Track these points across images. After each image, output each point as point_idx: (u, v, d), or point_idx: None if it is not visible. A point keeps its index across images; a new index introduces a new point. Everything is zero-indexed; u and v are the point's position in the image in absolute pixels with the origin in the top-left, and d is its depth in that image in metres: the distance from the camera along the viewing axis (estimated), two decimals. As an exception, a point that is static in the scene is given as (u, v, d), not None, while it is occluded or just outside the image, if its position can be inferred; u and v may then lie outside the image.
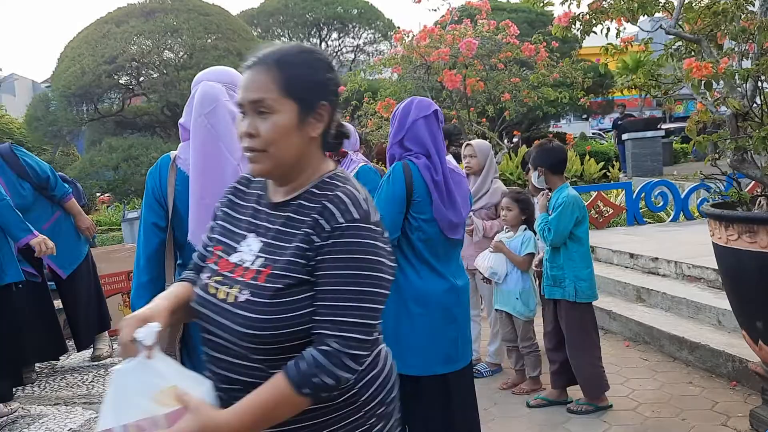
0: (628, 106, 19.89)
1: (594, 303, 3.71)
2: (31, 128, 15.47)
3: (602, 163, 12.79)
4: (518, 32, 7.59)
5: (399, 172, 2.50)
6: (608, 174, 12.47)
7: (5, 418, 3.25)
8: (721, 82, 2.81)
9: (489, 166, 4.41)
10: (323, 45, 24.64)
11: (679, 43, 3.55)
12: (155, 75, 14.80)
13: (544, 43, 7.34)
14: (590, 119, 28.44)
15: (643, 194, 8.56)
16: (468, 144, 4.51)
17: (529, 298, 4.04)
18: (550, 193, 3.69)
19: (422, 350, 2.51)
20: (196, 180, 2.06)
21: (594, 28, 3.28)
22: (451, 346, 2.57)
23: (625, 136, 14.14)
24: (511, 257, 4.03)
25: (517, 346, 4.12)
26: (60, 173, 4.48)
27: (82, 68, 13.76)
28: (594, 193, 8.46)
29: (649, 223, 8.42)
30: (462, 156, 4.58)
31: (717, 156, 3.16)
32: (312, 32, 24.85)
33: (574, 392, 3.76)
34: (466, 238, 4.38)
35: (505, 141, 10.80)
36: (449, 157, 4.34)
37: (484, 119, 8.82)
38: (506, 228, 4.19)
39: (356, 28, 25.17)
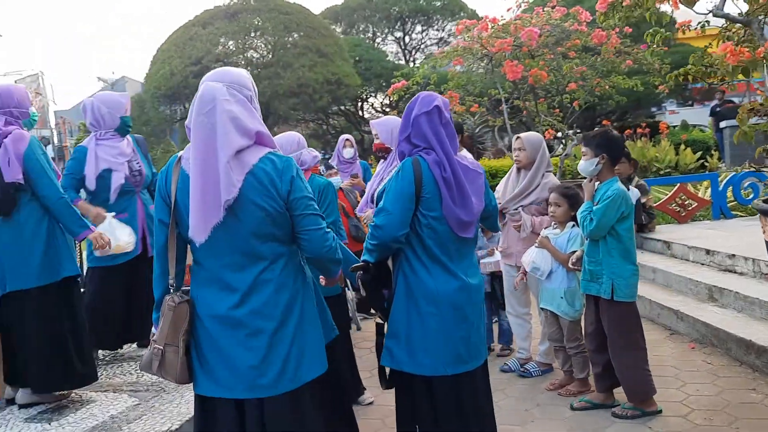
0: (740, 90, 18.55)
1: (663, 302, 3.49)
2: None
3: (699, 153, 12.03)
4: (590, 18, 7.26)
5: (408, 168, 2.47)
6: (706, 164, 11.71)
7: (58, 402, 3.49)
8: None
9: (540, 159, 4.25)
10: (407, 38, 24.67)
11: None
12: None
13: (617, 29, 6.98)
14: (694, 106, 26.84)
15: (731, 186, 8.00)
16: (518, 137, 4.38)
17: (574, 297, 3.87)
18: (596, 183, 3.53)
19: (433, 350, 2.46)
20: (196, 178, 2.11)
21: (635, 14, 3.08)
22: (462, 345, 2.50)
23: (722, 124, 13.19)
24: (556, 254, 3.88)
25: (564, 347, 3.97)
26: None
27: (171, 70, 14.49)
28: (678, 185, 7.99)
29: (739, 216, 7.86)
30: (512, 149, 4.47)
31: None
32: (396, 26, 24.98)
33: (623, 395, 3.58)
34: (515, 234, 4.28)
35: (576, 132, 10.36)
36: (465, 152, 4.18)
37: (557, 110, 8.52)
38: (554, 224, 4.04)
39: (440, 20, 25.06)
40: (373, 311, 5.91)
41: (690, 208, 7.79)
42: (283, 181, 2.14)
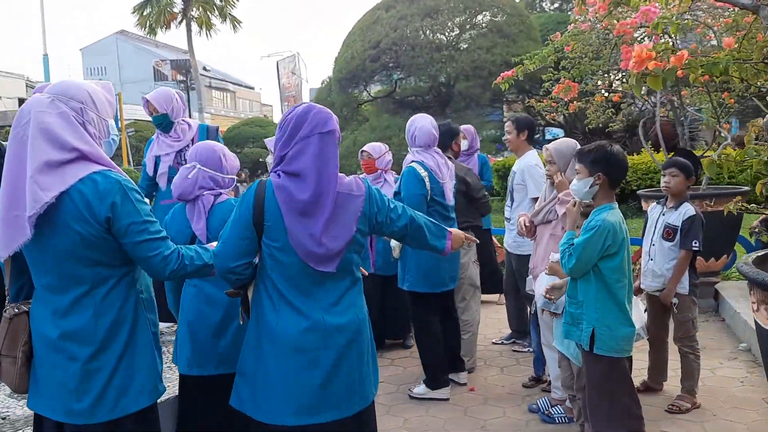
0: None
1: None
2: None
3: None
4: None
5: (250, 192, 2.22)
6: None
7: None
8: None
9: (572, 171, 3.62)
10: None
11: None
12: (416, 56, 15.32)
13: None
14: None
15: None
16: (546, 147, 3.78)
17: (583, 339, 3.26)
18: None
19: (273, 395, 2.20)
20: (4, 191, 2.04)
21: None
22: (312, 394, 2.20)
23: None
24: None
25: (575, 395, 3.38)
26: None
27: (352, 54, 14.97)
28: None
29: None
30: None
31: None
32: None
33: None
34: (542, 253, 3.71)
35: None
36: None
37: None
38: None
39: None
40: None
41: None
42: (103, 204, 2.00)
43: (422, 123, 4.19)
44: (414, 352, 5.24)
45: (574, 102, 7.55)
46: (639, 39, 6.26)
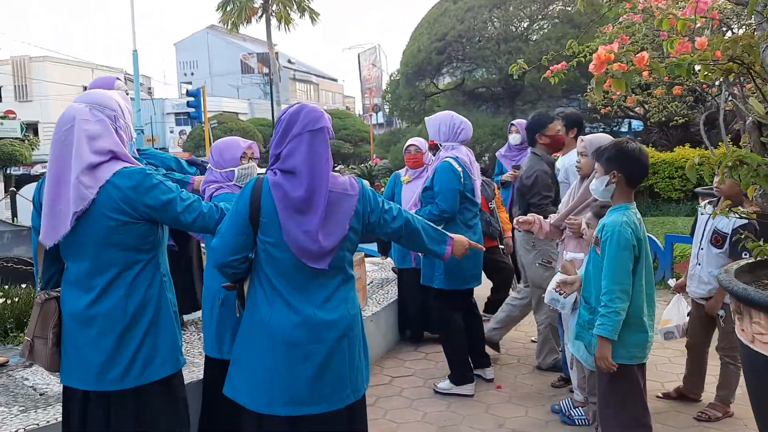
0: None
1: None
2: (390, 105, 17.60)
3: None
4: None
5: (248, 188, 2.32)
6: None
7: None
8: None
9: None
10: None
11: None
12: (483, 48, 15.12)
13: None
14: None
15: None
16: (581, 139, 3.70)
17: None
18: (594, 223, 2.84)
19: (264, 385, 2.29)
20: (49, 189, 2.32)
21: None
22: (303, 386, 2.27)
23: None
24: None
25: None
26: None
27: (418, 47, 14.94)
28: None
29: None
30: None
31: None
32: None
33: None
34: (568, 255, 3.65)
35: None
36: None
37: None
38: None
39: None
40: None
41: None
42: (137, 193, 2.29)
43: (464, 119, 4.24)
44: (449, 347, 5.26)
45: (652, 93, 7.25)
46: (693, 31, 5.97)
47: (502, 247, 5.79)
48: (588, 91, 11.77)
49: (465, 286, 4.19)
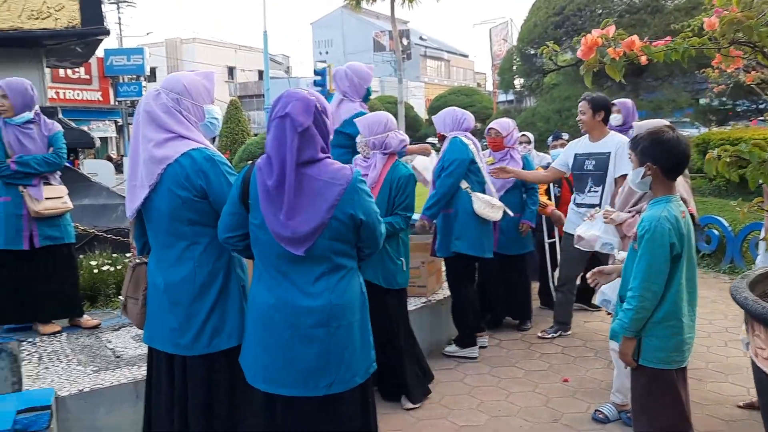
0: None
1: None
2: (502, 80, 17.08)
3: None
4: None
5: (242, 172, 2.38)
6: None
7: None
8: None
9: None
10: None
11: None
12: (602, 21, 14.20)
13: None
14: None
15: None
16: (633, 123, 3.51)
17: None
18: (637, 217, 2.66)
19: (250, 359, 2.39)
20: (129, 165, 2.60)
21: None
22: (274, 368, 2.31)
23: None
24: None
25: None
26: None
27: (535, 21, 14.37)
28: None
29: None
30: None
31: None
32: None
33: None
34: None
35: None
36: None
37: None
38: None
39: None
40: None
41: None
42: (198, 175, 2.43)
43: (465, 111, 4.72)
44: (526, 336, 5.15)
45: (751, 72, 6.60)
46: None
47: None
48: (711, 67, 10.80)
49: (486, 255, 4.54)
